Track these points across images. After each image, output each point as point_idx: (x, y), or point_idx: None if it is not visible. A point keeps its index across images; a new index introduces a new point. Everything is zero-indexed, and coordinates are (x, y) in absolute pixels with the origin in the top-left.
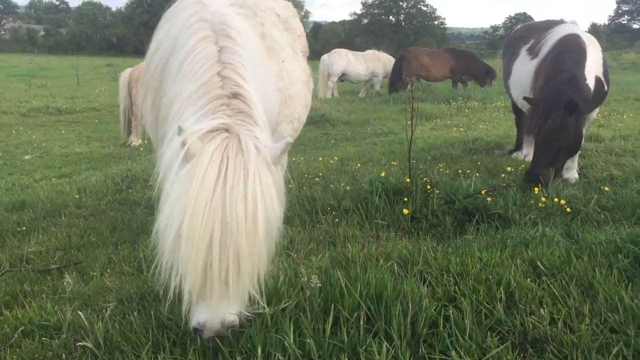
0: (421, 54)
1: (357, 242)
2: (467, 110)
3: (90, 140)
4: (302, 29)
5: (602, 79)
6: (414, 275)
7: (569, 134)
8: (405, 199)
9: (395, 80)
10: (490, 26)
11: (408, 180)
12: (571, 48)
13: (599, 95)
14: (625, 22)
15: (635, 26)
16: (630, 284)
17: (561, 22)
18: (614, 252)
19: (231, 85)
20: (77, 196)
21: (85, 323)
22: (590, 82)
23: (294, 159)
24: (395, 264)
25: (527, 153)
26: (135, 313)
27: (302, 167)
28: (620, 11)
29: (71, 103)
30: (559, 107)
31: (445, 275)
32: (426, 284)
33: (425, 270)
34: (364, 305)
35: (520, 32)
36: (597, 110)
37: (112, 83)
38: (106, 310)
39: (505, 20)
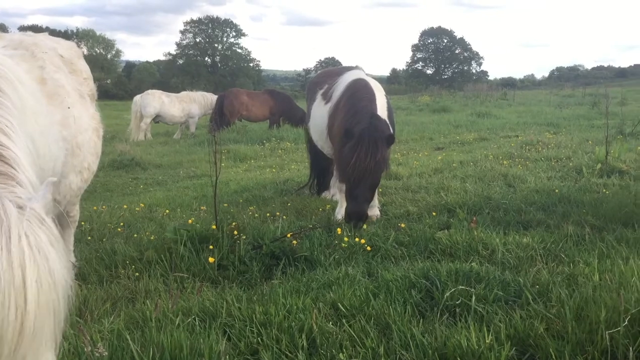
0: (241, 94)
1: (160, 297)
2: (280, 151)
3: None
4: (88, 71)
5: (387, 121)
6: (215, 330)
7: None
8: (211, 246)
9: (216, 121)
10: (303, 69)
11: (214, 226)
12: (363, 90)
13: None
14: (420, 67)
15: (428, 71)
16: (422, 320)
17: (351, 68)
18: (409, 287)
19: None
20: None
21: None
22: None
23: (95, 207)
24: (196, 319)
25: (335, 193)
26: None
27: (105, 216)
28: (415, 58)
29: None
30: (383, 141)
31: (248, 327)
32: (226, 338)
33: (228, 322)
34: None
35: (318, 77)
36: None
37: None
38: None
39: (316, 64)
